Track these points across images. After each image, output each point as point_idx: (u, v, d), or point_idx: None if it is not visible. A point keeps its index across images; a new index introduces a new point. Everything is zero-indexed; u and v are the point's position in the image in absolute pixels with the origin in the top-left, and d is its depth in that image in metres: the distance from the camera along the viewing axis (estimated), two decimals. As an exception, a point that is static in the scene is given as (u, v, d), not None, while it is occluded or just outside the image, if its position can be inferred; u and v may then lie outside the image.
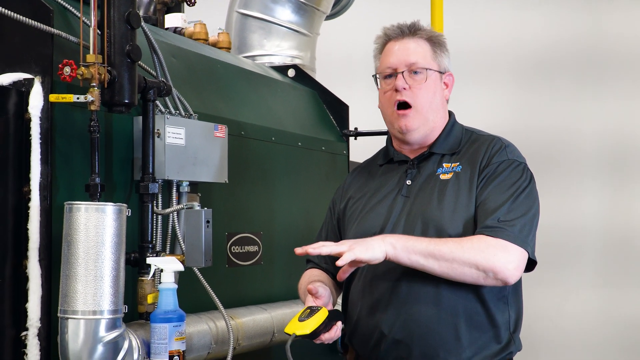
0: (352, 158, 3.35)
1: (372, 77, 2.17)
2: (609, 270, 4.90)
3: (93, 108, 1.93)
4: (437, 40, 2.14)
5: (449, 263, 1.88)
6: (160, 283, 1.99)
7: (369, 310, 2.03)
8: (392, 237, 1.91)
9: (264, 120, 2.82)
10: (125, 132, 2.17)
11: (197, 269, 2.23)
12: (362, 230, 2.06)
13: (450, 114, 2.18)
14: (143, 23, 2.11)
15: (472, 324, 1.97)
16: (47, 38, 1.97)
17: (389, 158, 2.19)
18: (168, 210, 2.19)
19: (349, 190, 2.24)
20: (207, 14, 3.42)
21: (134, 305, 2.08)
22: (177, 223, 2.21)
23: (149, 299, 2.07)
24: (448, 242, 1.90)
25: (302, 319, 1.85)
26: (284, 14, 3.49)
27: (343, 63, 5.13)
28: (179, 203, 2.24)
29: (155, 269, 2.05)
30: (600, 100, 4.97)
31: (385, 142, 2.24)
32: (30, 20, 1.90)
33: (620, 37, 4.96)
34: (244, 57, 3.39)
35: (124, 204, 1.91)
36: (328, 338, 1.89)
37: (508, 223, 1.92)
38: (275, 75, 3.23)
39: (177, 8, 3.02)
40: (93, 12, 1.94)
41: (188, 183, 2.26)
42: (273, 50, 3.46)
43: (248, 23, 3.49)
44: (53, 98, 1.91)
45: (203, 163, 2.30)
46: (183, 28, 3.01)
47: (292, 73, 3.36)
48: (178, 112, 2.28)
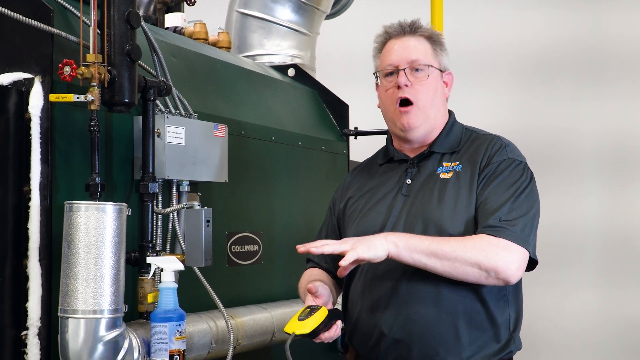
0: (352, 157, 3.34)
1: (373, 74, 2.17)
2: (609, 270, 4.90)
3: (93, 107, 1.93)
4: (437, 39, 2.14)
5: (451, 262, 1.88)
6: (161, 282, 1.99)
7: (369, 310, 2.03)
8: (394, 235, 1.90)
9: (264, 120, 2.82)
10: (126, 131, 2.17)
11: (197, 269, 2.23)
12: (362, 230, 2.06)
13: (450, 113, 2.19)
14: (143, 22, 2.11)
15: (472, 324, 1.97)
16: (47, 38, 1.97)
17: (389, 157, 2.19)
18: (168, 210, 2.19)
19: (349, 190, 2.24)
20: (207, 14, 3.42)
21: (134, 305, 2.08)
22: (177, 222, 2.21)
23: (149, 298, 2.07)
24: (450, 241, 1.90)
25: (301, 318, 1.85)
26: (284, 14, 3.49)
27: (343, 62, 5.12)
28: (179, 202, 2.25)
29: (156, 268, 2.05)
30: (600, 100, 4.96)
31: (385, 141, 2.24)
32: (31, 20, 1.90)
33: (620, 37, 4.95)
34: (244, 56, 3.39)
35: (124, 204, 1.91)
36: (328, 337, 1.89)
37: (510, 223, 1.92)
38: (275, 75, 3.23)
39: (177, 7, 3.02)
40: (93, 11, 1.94)
41: (188, 182, 2.27)
42: (273, 50, 3.46)
43: (248, 22, 3.49)
44: (53, 98, 1.90)
45: (203, 162, 2.30)
46: (183, 27, 3.01)
47: (292, 72, 3.36)
48: (178, 111, 2.28)
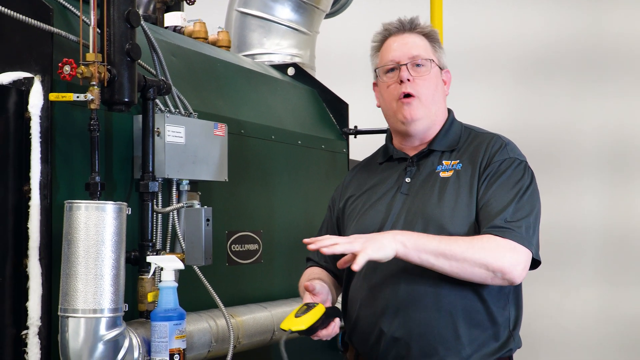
0: (351, 156, 3.34)
1: (374, 71, 2.17)
2: (609, 269, 4.90)
3: (93, 107, 1.93)
4: (435, 37, 2.16)
5: (460, 263, 1.87)
6: (161, 281, 1.99)
7: (369, 308, 2.03)
8: (402, 235, 1.89)
9: (264, 119, 2.82)
10: (125, 130, 2.17)
11: (197, 268, 2.23)
12: (361, 228, 2.06)
13: (449, 111, 2.19)
14: (143, 22, 2.11)
15: (471, 322, 1.97)
16: (47, 37, 1.97)
17: (389, 156, 2.19)
18: (168, 209, 2.19)
19: (349, 189, 2.24)
20: (206, 13, 3.42)
21: (134, 304, 2.09)
22: (177, 221, 2.21)
23: (149, 298, 2.07)
24: (458, 241, 1.89)
25: (298, 315, 1.86)
26: (284, 13, 3.49)
27: (343, 61, 5.12)
28: (179, 201, 2.25)
29: (156, 268, 2.05)
30: (600, 99, 4.96)
31: (385, 139, 2.24)
32: (30, 20, 1.90)
33: (620, 35, 4.95)
34: (244, 55, 3.39)
35: (124, 203, 1.91)
36: (326, 334, 1.90)
37: (515, 224, 1.92)
38: (275, 74, 3.23)
39: (176, 7, 3.02)
40: (93, 11, 1.94)
41: (188, 181, 2.27)
42: (273, 49, 3.46)
43: (248, 21, 3.49)
44: (53, 97, 1.91)
45: (203, 161, 2.30)
46: (183, 27, 3.01)
47: (291, 71, 3.36)
48: (178, 110, 2.28)
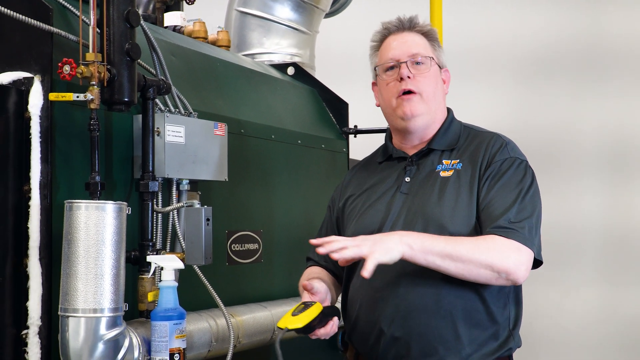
0: (351, 156, 3.34)
1: (373, 70, 2.17)
2: (609, 269, 4.90)
3: (93, 106, 1.93)
4: (434, 36, 2.16)
5: (465, 264, 1.87)
6: (161, 281, 1.99)
7: (368, 308, 2.03)
8: (408, 236, 1.88)
9: (264, 119, 2.82)
10: (125, 130, 2.17)
11: (197, 267, 2.23)
12: (361, 228, 2.06)
13: (449, 111, 2.19)
14: (142, 21, 2.11)
15: (471, 322, 1.97)
16: (46, 37, 1.97)
17: (388, 155, 2.19)
18: (168, 209, 2.19)
19: (348, 188, 2.24)
20: (206, 12, 3.42)
21: (135, 303, 2.09)
22: (177, 221, 2.21)
23: (150, 297, 2.07)
24: (464, 242, 1.90)
25: (295, 314, 1.86)
26: (283, 12, 3.49)
27: (342, 61, 5.12)
28: (179, 201, 2.25)
29: (156, 267, 2.05)
30: (600, 99, 4.96)
31: (384, 139, 2.24)
32: (30, 19, 1.90)
33: (620, 35, 4.95)
34: (244, 55, 3.39)
35: (124, 202, 1.91)
36: (324, 333, 1.90)
37: (518, 225, 1.92)
38: (275, 74, 3.23)
39: (176, 6, 3.02)
40: (92, 10, 1.94)
41: (188, 181, 2.27)
42: (272, 49, 3.46)
43: (247, 21, 3.48)
44: (53, 97, 1.91)
45: (203, 161, 2.30)
46: (182, 26, 3.01)
47: (291, 71, 3.36)
48: (178, 110, 2.28)
